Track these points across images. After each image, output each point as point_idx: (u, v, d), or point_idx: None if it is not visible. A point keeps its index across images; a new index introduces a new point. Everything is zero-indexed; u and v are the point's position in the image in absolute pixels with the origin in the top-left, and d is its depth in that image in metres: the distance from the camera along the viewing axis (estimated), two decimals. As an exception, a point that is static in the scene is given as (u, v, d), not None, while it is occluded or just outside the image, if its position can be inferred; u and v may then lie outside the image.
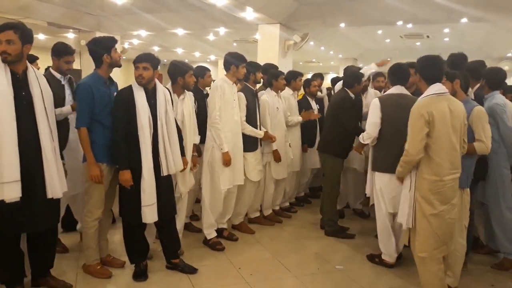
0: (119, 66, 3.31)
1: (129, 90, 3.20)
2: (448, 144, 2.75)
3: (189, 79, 3.63)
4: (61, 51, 3.65)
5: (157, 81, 3.33)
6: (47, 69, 5.12)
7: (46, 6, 9.09)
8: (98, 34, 10.57)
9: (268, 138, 4.37)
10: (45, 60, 6.20)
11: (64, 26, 10.49)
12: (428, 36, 12.39)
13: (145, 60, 3.17)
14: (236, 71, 3.98)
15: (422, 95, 2.87)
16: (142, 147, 3.13)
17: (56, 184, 2.80)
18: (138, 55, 3.25)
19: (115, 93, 3.28)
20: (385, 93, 3.85)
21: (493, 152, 3.34)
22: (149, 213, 3.17)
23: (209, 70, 4.62)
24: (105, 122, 3.18)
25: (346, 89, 4.35)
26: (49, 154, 2.76)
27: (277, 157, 4.58)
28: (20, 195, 2.62)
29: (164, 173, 3.24)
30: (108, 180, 3.28)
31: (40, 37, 13.07)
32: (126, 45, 14.71)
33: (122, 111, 3.13)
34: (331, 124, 4.41)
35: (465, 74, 3.33)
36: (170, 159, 3.27)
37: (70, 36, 11.88)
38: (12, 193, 2.59)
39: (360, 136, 3.75)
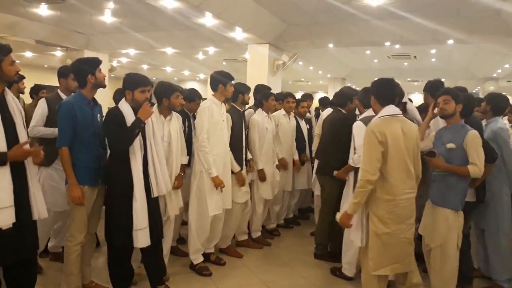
0: (104, 86, 3.25)
1: (118, 111, 3.13)
2: (401, 165, 2.80)
3: (174, 100, 3.57)
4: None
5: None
6: (33, 87, 5.08)
7: (34, 24, 9.06)
8: (87, 52, 10.55)
9: (240, 179, 4.18)
10: (33, 78, 6.12)
11: (52, 44, 10.46)
12: (415, 57, 12.59)
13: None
14: (224, 90, 3.92)
15: (376, 116, 2.93)
16: (133, 168, 3.06)
17: (41, 205, 2.70)
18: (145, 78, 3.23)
19: (99, 114, 3.23)
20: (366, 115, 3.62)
21: (493, 177, 3.32)
22: (142, 237, 3.06)
23: (200, 98, 4.54)
24: (88, 143, 3.11)
25: (340, 109, 4.30)
26: (34, 176, 2.68)
27: (262, 176, 4.54)
28: (14, 220, 2.50)
29: (155, 194, 3.16)
30: (90, 202, 3.18)
31: (27, 54, 13.00)
32: (114, 63, 14.69)
33: (117, 128, 3.06)
34: (331, 146, 4.23)
35: (472, 98, 3.37)
36: (160, 180, 3.21)
37: (58, 54, 11.83)
38: (7, 219, 2.47)
39: (352, 159, 3.64)
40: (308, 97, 5.78)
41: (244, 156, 4.33)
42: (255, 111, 4.78)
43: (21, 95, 4.60)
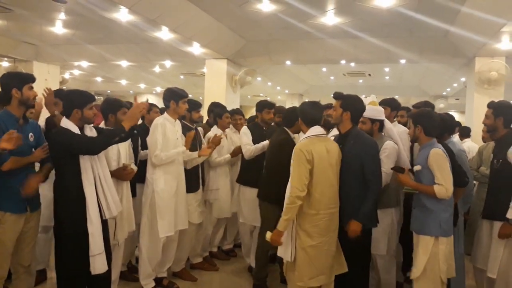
0: (31, 106, 3.00)
1: (65, 130, 2.92)
2: (326, 181, 2.98)
3: (121, 116, 3.40)
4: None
5: None
6: None
7: (-21, 34, 8.56)
8: (36, 64, 10.10)
9: (203, 153, 4.01)
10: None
11: (-1, 55, 9.92)
12: (370, 74, 12.94)
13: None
14: (176, 107, 3.78)
15: (303, 136, 3.11)
16: (85, 187, 2.87)
17: None
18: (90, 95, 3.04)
19: (32, 133, 3.00)
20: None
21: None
22: (99, 263, 2.87)
23: (156, 107, 4.38)
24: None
25: (286, 129, 3.89)
26: None
27: (236, 152, 4.52)
28: None
29: (107, 216, 2.98)
30: (14, 232, 2.88)
31: (-29, 64, 12.26)
32: (66, 75, 14.15)
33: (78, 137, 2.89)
34: (270, 169, 3.84)
35: (445, 119, 3.48)
36: (110, 201, 3.02)
37: (4, 65, 11.23)
38: None
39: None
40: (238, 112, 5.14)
41: (200, 175, 4.21)
42: (210, 128, 4.68)
43: None
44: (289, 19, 6.89)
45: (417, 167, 3.10)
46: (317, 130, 3.08)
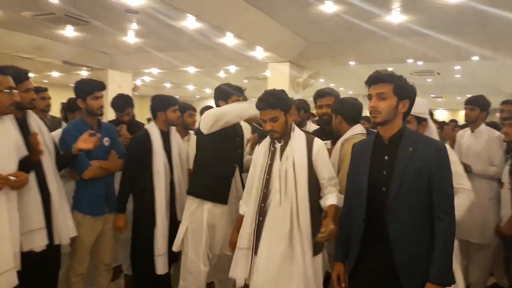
0: (98, 115, 3.06)
1: (145, 134, 3.13)
2: None
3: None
4: None
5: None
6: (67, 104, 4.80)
7: (61, 45, 9.32)
8: (111, 72, 10.79)
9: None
10: (60, 97, 6.22)
11: (78, 64, 10.72)
12: (439, 73, 12.38)
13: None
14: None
15: (347, 135, 2.79)
16: (156, 193, 3.03)
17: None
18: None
19: (107, 137, 3.12)
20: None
21: None
22: (161, 264, 3.02)
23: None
24: None
25: None
26: (56, 199, 2.66)
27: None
28: (47, 242, 2.53)
29: (180, 218, 3.11)
30: (93, 233, 3.03)
31: (54, 74, 13.37)
32: (138, 82, 14.96)
33: (137, 156, 3.06)
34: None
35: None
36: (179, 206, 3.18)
37: (83, 74, 12.12)
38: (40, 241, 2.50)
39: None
40: None
41: None
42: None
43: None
44: (352, 19, 6.79)
45: None
46: (360, 128, 2.84)
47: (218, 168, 2.93)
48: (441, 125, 6.55)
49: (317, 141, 2.56)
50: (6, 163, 2.27)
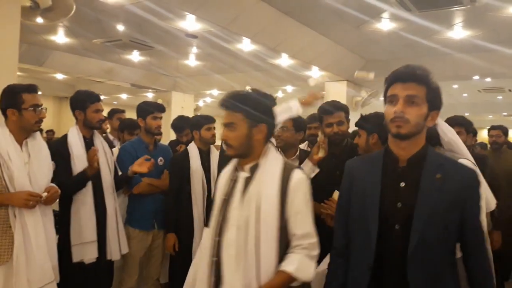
0: (156, 134, 3.26)
1: (184, 153, 3.24)
2: None
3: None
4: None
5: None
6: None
7: (128, 69, 9.94)
8: (174, 94, 11.28)
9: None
10: (128, 117, 6.55)
11: (144, 87, 11.33)
12: (510, 90, 11.61)
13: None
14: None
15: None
16: (194, 210, 3.12)
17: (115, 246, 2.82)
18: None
19: (161, 157, 3.26)
20: None
21: None
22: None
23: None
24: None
25: None
26: (111, 216, 2.81)
27: None
28: (97, 255, 2.67)
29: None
30: (142, 247, 3.13)
31: (123, 96, 14.18)
32: (200, 103, 15.48)
33: (176, 174, 3.15)
34: None
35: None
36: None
37: (149, 96, 12.75)
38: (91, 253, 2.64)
39: None
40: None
41: None
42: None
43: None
44: (411, 36, 6.60)
45: None
46: None
47: None
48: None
49: (296, 174, 1.70)
50: (38, 179, 2.32)
